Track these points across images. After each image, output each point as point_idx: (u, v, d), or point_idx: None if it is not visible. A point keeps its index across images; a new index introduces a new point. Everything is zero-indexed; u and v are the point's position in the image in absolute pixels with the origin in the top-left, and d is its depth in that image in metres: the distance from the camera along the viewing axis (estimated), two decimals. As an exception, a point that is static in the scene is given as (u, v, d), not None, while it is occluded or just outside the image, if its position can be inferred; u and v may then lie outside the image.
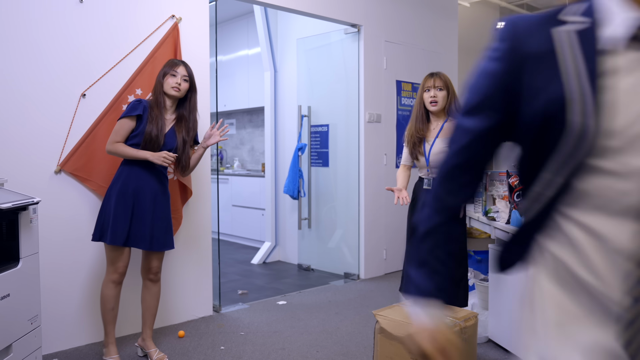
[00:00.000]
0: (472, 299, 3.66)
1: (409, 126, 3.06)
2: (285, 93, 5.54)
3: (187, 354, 3.03)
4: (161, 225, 2.84)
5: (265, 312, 3.83)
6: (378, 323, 2.55)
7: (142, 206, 2.78)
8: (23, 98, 2.92)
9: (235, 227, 6.65)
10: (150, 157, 2.73)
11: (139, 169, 2.79)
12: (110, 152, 2.80)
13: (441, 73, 2.99)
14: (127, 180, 2.77)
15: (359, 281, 4.75)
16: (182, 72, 2.87)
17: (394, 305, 2.72)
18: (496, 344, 3.13)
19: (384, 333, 2.52)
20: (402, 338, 2.42)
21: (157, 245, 2.83)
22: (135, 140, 2.78)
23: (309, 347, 3.14)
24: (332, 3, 4.53)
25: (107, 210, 2.76)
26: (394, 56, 5.06)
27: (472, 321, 2.56)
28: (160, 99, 2.84)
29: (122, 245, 2.76)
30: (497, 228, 2.96)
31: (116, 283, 2.81)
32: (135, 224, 2.77)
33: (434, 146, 2.92)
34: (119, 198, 2.75)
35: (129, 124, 2.78)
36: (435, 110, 2.95)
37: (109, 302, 2.82)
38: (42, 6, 2.96)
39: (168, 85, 2.84)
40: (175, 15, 3.47)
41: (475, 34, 7.21)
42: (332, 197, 5.12)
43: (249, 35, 6.65)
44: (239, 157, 7.53)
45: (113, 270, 2.80)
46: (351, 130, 4.90)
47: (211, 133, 3.02)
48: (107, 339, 2.87)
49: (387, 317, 2.55)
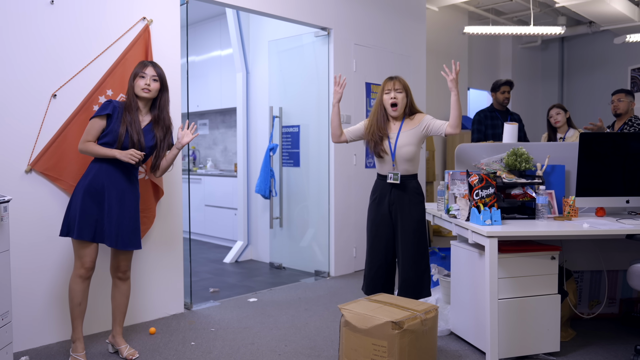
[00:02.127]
0: (437, 294, 3.80)
1: (366, 129, 3.16)
2: (257, 94, 5.61)
3: (157, 350, 3.09)
4: (128, 224, 2.87)
5: (236, 309, 3.90)
6: (343, 316, 2.66)
7: (109, 203, 2.82)
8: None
9: (208, 226, 6.69)
10: (118, 154, 2.77)
11: (108, 166, 2.84)
12: (82, 150, 2.85)
13: (400, 77, 3.13)
14: (95, 177, 2.82)
15: (329, 278, 4.85)
16: (151, 73, 2.91)
17: (359, 300, 2.83)
18: (458, 336, 3.26)
19: (349, 326, 2.63)
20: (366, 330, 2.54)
21: (123, 244, 2.86)
22: (107, 139, 2.82)
23: (277, 342, 3.23)
24: (302, 6, 4.62)
25: (74, 206, 2.80)
26: (364, 59, 5.18)
27: (433, 313, 2.69)
28: (133, 102, 2.89)
29: (90, 241, 2.80)
30: (458, 225, 3.09)
31: (83, 278, 2.83)
32: (102, 220, 2.81)
33: (398, 140, 3.05)
34: (86, 194, 2.79)
35: (99, 123, 2.83)
36: (396, 114, 3.10)
37: (77, 297, 2.83)
38: (13, 7, 2.99)
39: (138, 87, 2.89)
40: (147, 17, 3.52)
41: (443, 38, 7.40)
42: (303, 197, 5.21)
43: (222, 36, 6.70)
44: (212, 157, 7.57)
45: (80, 265, 2.82)
46: (322, 131, 5.00)
47: (183, 133, 3.07)
48: (74, 334, 2.87)
49: (352, 310, 2.66)
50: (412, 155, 3.08)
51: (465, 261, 3.13)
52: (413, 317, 2.55)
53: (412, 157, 3.08)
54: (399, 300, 2.82)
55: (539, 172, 3.22)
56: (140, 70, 2.90)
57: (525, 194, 3.15)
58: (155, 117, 2.96)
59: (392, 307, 2.67)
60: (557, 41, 9.20)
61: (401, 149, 3.06)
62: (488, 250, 2.72)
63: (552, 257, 2.92)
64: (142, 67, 2.91)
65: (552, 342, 2.93)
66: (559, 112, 4.74)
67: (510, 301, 2.86)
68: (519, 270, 2.88)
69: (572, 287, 3.32)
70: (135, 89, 2.89)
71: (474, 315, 3.03)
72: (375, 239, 3.18)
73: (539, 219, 3.06)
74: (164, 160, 3.03)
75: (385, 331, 2.49)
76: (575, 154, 3.23)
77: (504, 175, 3.18)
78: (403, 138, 3.07)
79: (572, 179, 3.38)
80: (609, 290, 3.60)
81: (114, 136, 2.82)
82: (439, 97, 7.34)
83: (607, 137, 3.31)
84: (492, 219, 2.85)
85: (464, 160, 3.42)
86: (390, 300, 2.79)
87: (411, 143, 3.07)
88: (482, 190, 2.97)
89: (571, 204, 3.14)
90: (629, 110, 4.66)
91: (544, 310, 2.91)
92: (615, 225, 2.87)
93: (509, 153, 3.28)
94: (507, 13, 7.99)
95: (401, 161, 3.08)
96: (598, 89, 8.59)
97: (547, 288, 2.92)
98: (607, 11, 6.74)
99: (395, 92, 3.07)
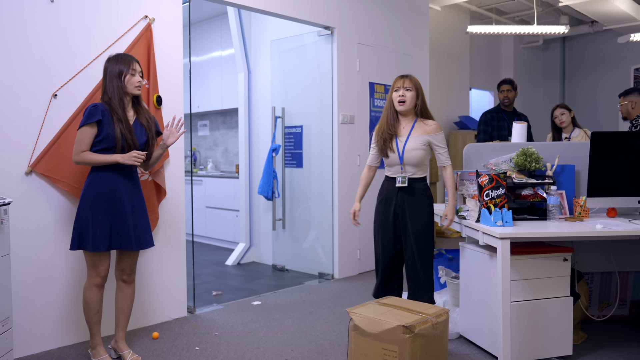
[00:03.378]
0: (444, 296, 3.74)
1: (378, 125, 3.12)
2: (259, 94, 5.55)
3: (161, 355, 3.02)
4: (142, 224, 2.86)
5: (240, 312, 3.84)
6: (352, 320, 2.60)
7: (122, 208, 2.77)
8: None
9: (210, 228, 6.62)
10: (121, 159, 2.70)
11: (110, 172, 2.77)
12: (79, 162, 2.75)
13: (411, 76, 3.06)
14: (100, 185, 2.75)
15: (333, 281, 4.79)
16: (139, 69, 2.84)
17: (367, 303, 2.77)
18: (467, 339, 3.20)
19: (358, 330, 2.56)
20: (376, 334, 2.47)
21: (141, 244, 2.85)
22: (102, 145, 2.73)
23: (283, 346, 3.16)
24: (305, 5, 4.57)
25: (85, 218, 2.72)
26: (367, 58, 5.12)
27: (444, 317, 2.63)
28: (121, 102, 2.78)
29: (106, 250, 2.75)
30: (467, 226, 3.03)
31: (100, 287, 2.82)
32: (117, 227, 2.76)
33: (407, 143, 2.99)
34: (96, 204, 2.72)
35: (90, 131, 2.72)
36: (402, 109, 3.02)
37: (95, 306, 2.82)
38: (13, 5, 2.92)
39: (132, 85, 2.80)
40: (149, 15, 3.46)
41: (445, 37, 7.35)
42: (306, 198, 5.15)
43: (223, 36, 6.65)
44: (213, 159, 7.51)
45: (95, 274, 2.79)
46: (325, 132, 4.94)
47: (168, 133, 2.94)
48: (94, 340, 2.87)
49: (361, 314, 2.59)
50: (421, 159, 3.01)
51: (475, 263, 3.07)
52: (424, 321, 2.49)
53: (420, 161, 3.02)
54: (409, 303, 2.75)
55: (549, 172, 3.16)
56: (128, 67, 2.79)
57: (535, 195, 3.09)
58: (139, 111, 2.87)
59: (402, 311, 2.61)
60: (558, 41, 9.16)
61: (410, 152, 2.99)
62: (500, 252, 2.66)
63: (564, 258, 2.86)
64: (128, 64, 2.80)
65: (565, 346, 2.87)
66: (563, 112, 4.69)
67: (522, 304, 2.80)
68: (531, 272, 2.82)
69: (583, 289, 3.26)
70: (127, 87, 2.79)
71: (485, 318, 2.97)
72: (382, 241, 3.12)
73: (550, 220, 3.00)
74: (154, 155, 2.95)
75: (396, 335, 2.42)
76: (584, 153, 3.17)
77: (514, 175, 3.13)
78: (412, 142, 3.00)
79: (581, 179, 3.32)
80: (620, 291, 3.54)
81: (111, 141, 2.73)
82: (442, 96, 7.30)
83: (618, 136, 3.25)
84: (504, 220, 2.79)
85: (472, 161, 3.36)
86: (400, 304, 2.73)
87: (420, 148, 3.00)
88: (492, 190, 2.91)
89: (582, 204, 3.08)
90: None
91: (556, 312, 2.85)
92: (629, 226, 2.82)
93: (519, 153, 3.23)
94: (509, 13, 7.95)
95: (409, 164, 3.01)
96: (600, 89, 8.55)
97: (559, 290, 2.87)
98: (610, 10, 6.69)
99: (404, 89, 3.00)
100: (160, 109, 3.52)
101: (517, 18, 8.15)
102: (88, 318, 2.84)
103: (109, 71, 2.80)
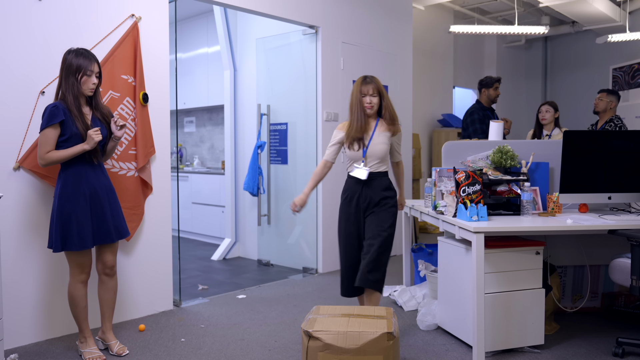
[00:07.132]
0: (424, 289, 3.86)
1: (348, 128, 3.12)
2: (244, 91, 5.62)
3: (147, 346, 3.10)
4: (118, 215, 2.94)
5: (225, 305, 3.92)
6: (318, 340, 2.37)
7: (99, 203, 2.83)
8: (-19, 95, 2.92)
9: (196, 224, 6.68)
10: (87, 145, 2.70)
11: (80, 168, 2.78)
12: (46, 164, 2.73)
13: (375, 79, 3.11)
14: (75, 184, 2.77)
15: (317, 275, 4.89)
16: (97, 70, 2.80)
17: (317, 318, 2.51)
18: (445, 330, 3.32)
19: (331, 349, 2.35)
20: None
21: (121, 233, 2.94)
22: (66, 145, 2.73)
23: (267, 338, 3.25)
24: (290, 5, 4.64)
25: (66, 217, 2.74)
26: (351, 57, 5.21)
27: (395, 316, 2.60)
28: (77, 101, 2.76)
29: (91, 247, 2.82)
30: (445, 221, 3.15)
31: (84, 283, 2.89)
32: (98, 223, 2.83)
33: (373, 138, 3.08)
34: (75, 202, 2.76)
35: (54, 132, 2.70)
36: (370, 112, 3.10)
37: (82, 302, 2.89)
38: (1, 4, 2.97)
39: (87, 87, 2.77)
40: (135, 14, 3.52)
41: (429, 37, 7.47)
42: (291, 194, 5.24)
43: (209, 34, 6.69)
44: (199, 155, 7.56)
45: (80, 271, 2.85)
46: (309, 129, 5.03)
47: (114, 127, 2.89)
48: (83, 333, 2.94)
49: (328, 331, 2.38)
50: (384, 153, 3.09)
51: (452, 257, 3.19)
52: (392, 324, 2.45)
53: (383, 155, 3.09)
54: (357, 309, 2.63)
55: (523, 169, 3.28)
56: (86, 67, 2.75)
57: (510, 191, 3.21)
58: (95, 106, 2.86)
59: (362, 318, 2.51)
60: (540, 40, 9.32)
61: (375, 146, 3.07)
62: (475, 246, 2.77)
63: (536, 252, 2.99)
64: (87, 63, 2.75)
65: (537, 336, 3.00)
66: (548, 110, 4.84)
67: (495, 295, 2.92)
68: (504, 265, 2.94)
69: (555, 282, 3.39)
70: (82, 87, 2.75)
71: (461, 309, 3.08)
72: (347, 237, 3.12)
73: (524, 215, 3.13)
74: (108, 148, 2.94)
75: (381, 344, 2.35)
76: (558, 151, 3.29)
77: (490, 172, 3.24)
78: (377, 137, 3.09)
79: (555, 176, 3.45)
80: (591, 284, 3.68)
81: (77, 139, 2.73)
82: (425, 94, 7.42)
83: (590, 135, 3.38)
84: (479, 215, 2.90)
85: (451, 158, 3.47)
86: (349, 312, 2.59)
87: (384, 142, 3.10)
88: (468, 187, 3.02)
89: (555, 200, 3.20)
90: (607, 110, 4.79)
91: (528, 304, 2.97)
92: (598, 220, 2.95)
93: (495, 150, 3.34)
94: (492, 12, 8.08)
95: (372, 158, 3.09)
96: (580, 87, 8.72)
97: (531, 282, 2.99)
98: (589, 11, 6.85)
99: (370, 96, 3.08)
100: (146, 106, 3.58)
101: (500, 18, 8.29)
102: (76, 314, 2.91)
103: (67, 65, 2.75)
